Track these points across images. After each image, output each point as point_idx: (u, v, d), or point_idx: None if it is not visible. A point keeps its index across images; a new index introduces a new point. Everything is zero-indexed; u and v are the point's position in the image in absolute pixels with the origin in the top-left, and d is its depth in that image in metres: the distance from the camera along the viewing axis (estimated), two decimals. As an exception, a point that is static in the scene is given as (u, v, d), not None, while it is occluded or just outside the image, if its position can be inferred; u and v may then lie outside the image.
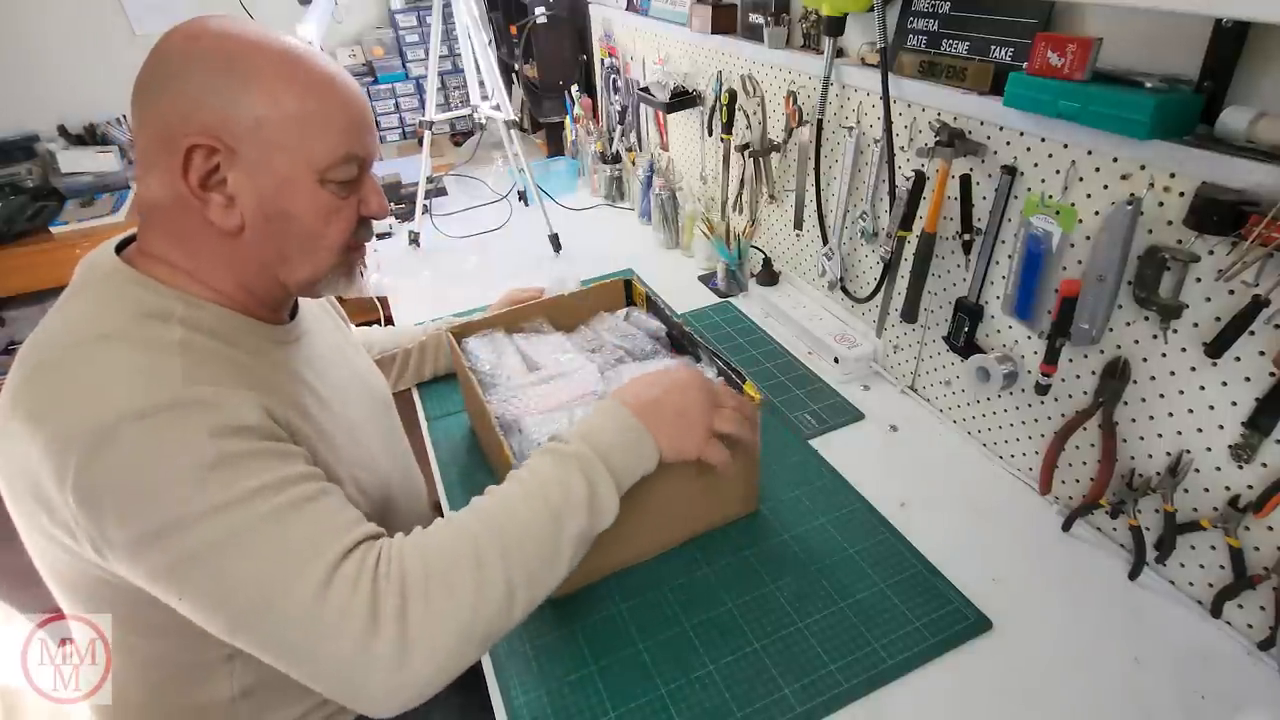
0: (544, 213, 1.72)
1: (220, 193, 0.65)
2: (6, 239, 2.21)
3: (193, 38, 0.64)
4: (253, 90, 0.63)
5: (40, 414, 0.58)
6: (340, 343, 0.92)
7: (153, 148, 0.64)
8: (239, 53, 0.64)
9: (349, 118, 0.69)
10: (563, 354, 1.09)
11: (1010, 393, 0.98)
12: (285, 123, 0.65)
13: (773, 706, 0.75)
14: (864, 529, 0.94)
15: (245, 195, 0.66)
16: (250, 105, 0.63)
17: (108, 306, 0.65)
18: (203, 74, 0.63)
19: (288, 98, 0.65)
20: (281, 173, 0.66)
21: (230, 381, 0.64)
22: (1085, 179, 0.81)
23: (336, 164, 0.68)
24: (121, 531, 0.57)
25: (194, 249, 0.68)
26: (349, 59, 2.56)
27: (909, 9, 1.00)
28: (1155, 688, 0.75)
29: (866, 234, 1.18)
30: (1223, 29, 0.67)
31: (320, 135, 0.67)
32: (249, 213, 0.66)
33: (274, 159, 0.65)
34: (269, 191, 0.66)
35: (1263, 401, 0.70)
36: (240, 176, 0.65)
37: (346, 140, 0.68)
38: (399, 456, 0.94)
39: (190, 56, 0.63)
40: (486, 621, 0.62)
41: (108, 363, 0.60)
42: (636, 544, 0.90)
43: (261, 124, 0.64)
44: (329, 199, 0.69)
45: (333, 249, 0.72)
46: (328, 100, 0.67)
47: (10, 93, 2.35)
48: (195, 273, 0.69)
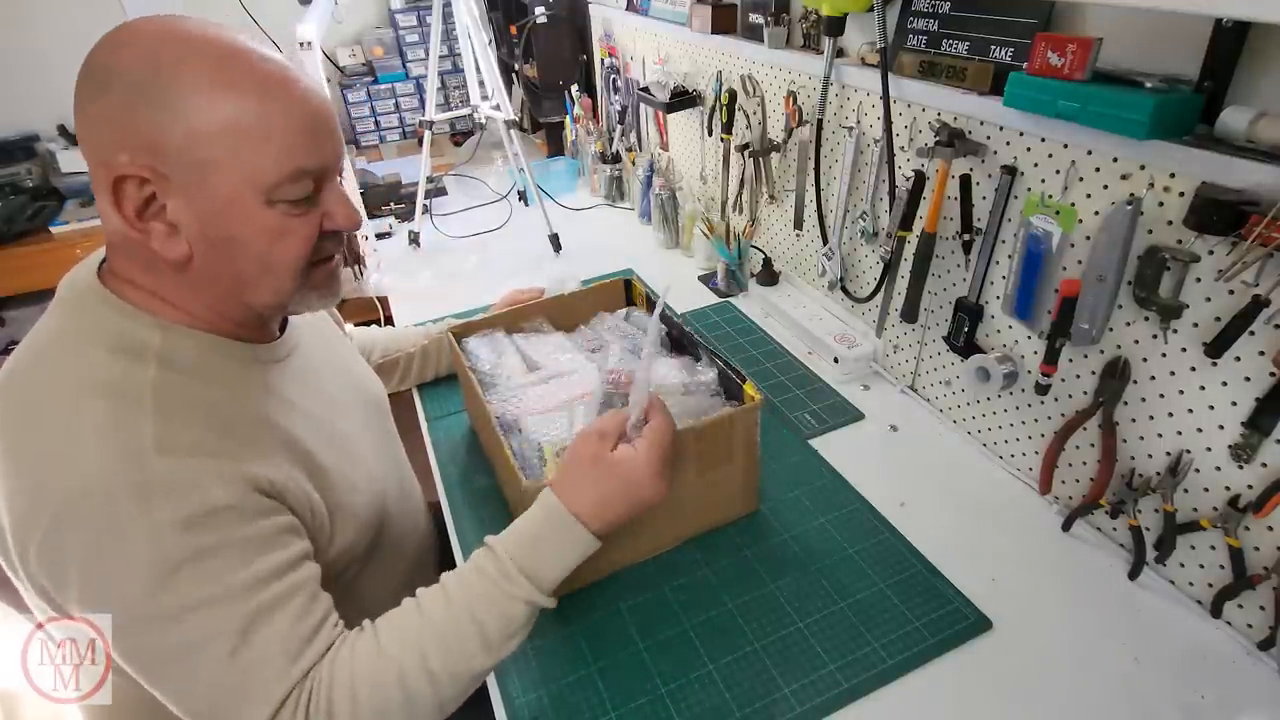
0: (544, 213, 1.72)
1: (161, 221, 0.60)
2: (6, 239, 2.21)
3: (119, 46, 0.58)
4: (180, 103, 0.56)
5: (12, 461, 0.58)
6: (336, 350, 0.90)
7: (94, 170, 0.59)
8: (166, 61, 0.57)
9: (294, 126, 0.60)
10: (563, 354, 1.09)
11: (1010, 393, 0.98)
12: (216, 137, 0.57)
13: (773, 706, 0.75)
14: (864, 529, 0.94)
15: (187, 222, 0.60)
16: (178, 121, 0.57)
17: (84, 338, 0.62)
18: (128, 90, 0.56)
19: (218, 108, 0.57)
20: (221, 194, 0.59)
21: (208, 439, 0.61)
22: (1085, 179, 0.81)
23: (283, 182, 0.61)
24: (81, 610, 0.57)
25: (155, 276, 0.64)
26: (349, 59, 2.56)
27: (909, 9, 1.00)
28: (1155, 688, 0.75)
29: (866, 234, 1.18)
30: (1223, 29, 0.67)
31: (259, 150, 0.59)
32: (194, 240, 0.61)
33: (210, 180, 0.59)
34: (210, 216, 0.60)
35: (1263, 401, 0.69)
36: (179, 203, 0.59)
37: (293, 153, 0.60)
38: (394, 463, 0.93)
39: (114, 70, 0.57)
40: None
41: (79, 420, 0.58)
42: (636, 544, 0.90)
43: (192, 141, 0.57)
44: (278, 219, 0.62)
45: (291, 271, 0.65)
46: (270, 109, 0.59)
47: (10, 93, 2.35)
48: (165, 297, 0.65)
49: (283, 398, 0.72)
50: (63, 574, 0.57)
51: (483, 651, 0.64)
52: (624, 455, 0.71)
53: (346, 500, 0.74)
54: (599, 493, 0.70)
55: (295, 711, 0.58)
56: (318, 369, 0.81)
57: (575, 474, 0.71)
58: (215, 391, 0.66)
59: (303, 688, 0.59)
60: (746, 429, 0.90)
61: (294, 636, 0.60)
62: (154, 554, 0.56)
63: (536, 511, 0.71)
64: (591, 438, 0.73)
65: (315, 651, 0.61)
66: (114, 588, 0.56)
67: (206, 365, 0.66)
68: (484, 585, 0.66)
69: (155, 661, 0.58)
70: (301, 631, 0.61)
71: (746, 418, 0.89)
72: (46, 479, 0.56)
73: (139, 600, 0.56)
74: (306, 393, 0.76)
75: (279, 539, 0.62)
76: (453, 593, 0.66)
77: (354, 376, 0.92)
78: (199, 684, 0.58)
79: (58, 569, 0.57)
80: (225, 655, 0.57)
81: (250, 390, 0.69)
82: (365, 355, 1.10)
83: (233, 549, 0.59)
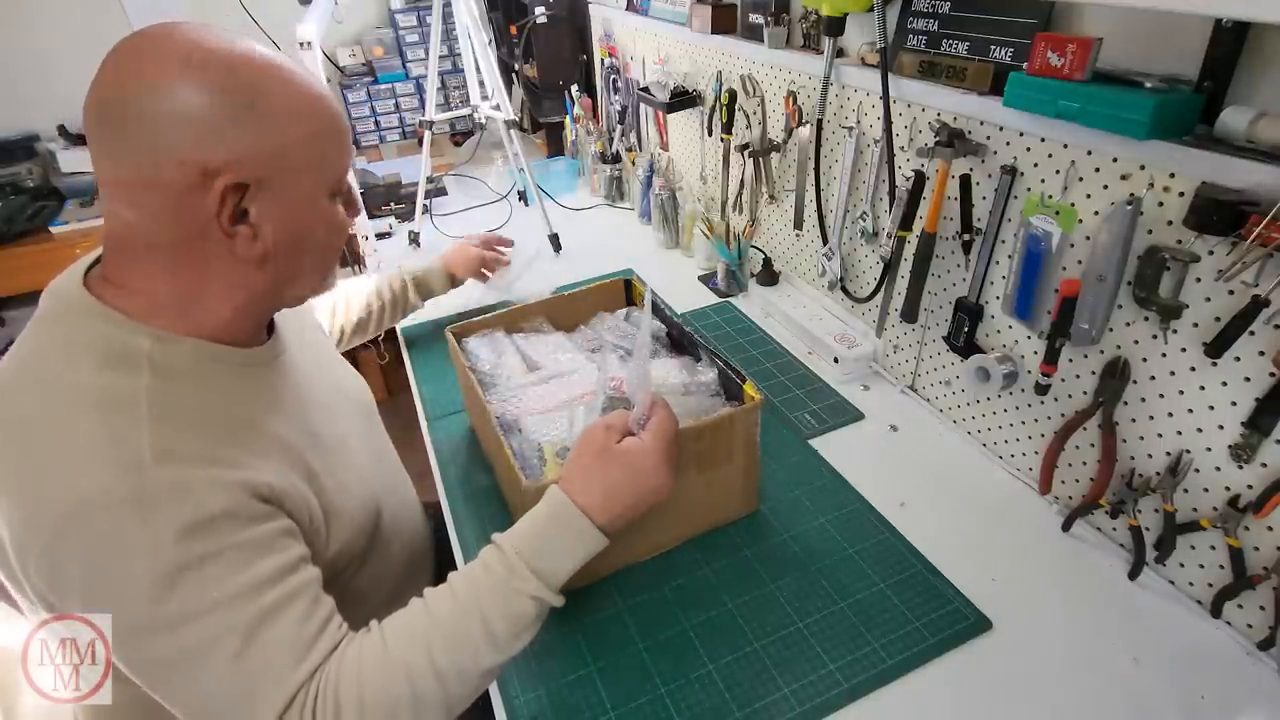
0: (544, 213, 1.72)
1: (245, 225, 0.63)
2: (6, 239, 2.21)
3: (184, 62, 0.58)
4: (265, 114, 0.61)
5: (9, 475, 0.57)
6: (320, 350, 0.91)
7: (138, 183, 0.60)
8: (244, 77, 0.60)
9: (342, 127, 0.69)
10: (563, 354, 1.10)
11: (1010, 393, 0.98)
12: (301, 144, 0.64)
13: (773, 706, 0.75)
14: (864, 529, 0.94)
15: (269, 225, 0.64)
16: (267, 131, 0.61)
17: (73, 350, 0.62)
18: (206, 102, 0.58)
19: (302, 119, 0.64)
20: (304, 195, 0.66)
21: (204, 447, 0.61)
22: (1085, 179, 0.81)
23: (343, 176, 0.69)
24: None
25: (196, 282, 0.65)
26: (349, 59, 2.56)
27: (909, 9, 1.00)
28: (1155, 688, 0.75)
29: (866, 234, 1.18)
30: (1223, 29, 0.67)
31: (329, 151, 0.67)
32: (272, 241, 0.65)
33: (297, 184, 0.65)
34: (293, 217, 0.66)
35: (1263, 401, 0.70)
36: (264, 207, 0.63)
37: (344, 151, 0.69)
38: (384, 462, 0.93)
39: (184, 82, 0.58)
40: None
41: (74, 432, 0.58)
42: (636, 544, 0.90)
43: (283, 149, 0.63)
44: (338, 212, 0.70)
45: (337, 258, 0.74)
46: (327, 113, 0.66)
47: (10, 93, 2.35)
48: (185, 306, 0.65)
49: (275, 401, 0.72)
50: (64, 586, 0.57)
51: (490, 649, 0.64)
52: (630, 445, 0.72)
53: (340, 501, 0.74)
54: (605, 484, 0.70)
55: (302, 713, 0.58)
56: (305, 370, 0.81)
57: (582, 467, 0.72)
58: (209, 397, 0.66)
59: (309, 689, 0.59)
60: (746, 429, 0.90)
61: (298, 639, 0.60)
62: (154, 564, 0.56)
63: (543, 507, 0.70)
64: (598, 430, 0.73)
65: (320, 653, 0.61)
66: (116, 598, 0.56)
67: (200, 371, 0.66)
68: (491, 582, 0.66)
69: (160, 669, 0.58)
70: (305, 633, 0.61)
71: (746, 418, 0.89)
72: (44, 492, 0.56)
73: (141, 610, 0.56)
74: (297, 395, 0.76)
75: (278, 543, 0.62)
76: (459, 591, 0.66)
77: (338, 377, 0.92)
78: (204, 690, 0.58)
79: (59, 582, 0.57)
80: (230, 660, 0.57)
81: (244, 394, 0.69)
82: (338, 318, 1.18)
83: (232, 555, 0.59)
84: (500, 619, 0.64)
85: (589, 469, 0.71)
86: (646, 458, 0.71)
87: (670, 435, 0.73)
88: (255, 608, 0.59)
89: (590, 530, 0.69)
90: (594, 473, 0.71)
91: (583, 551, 0.69)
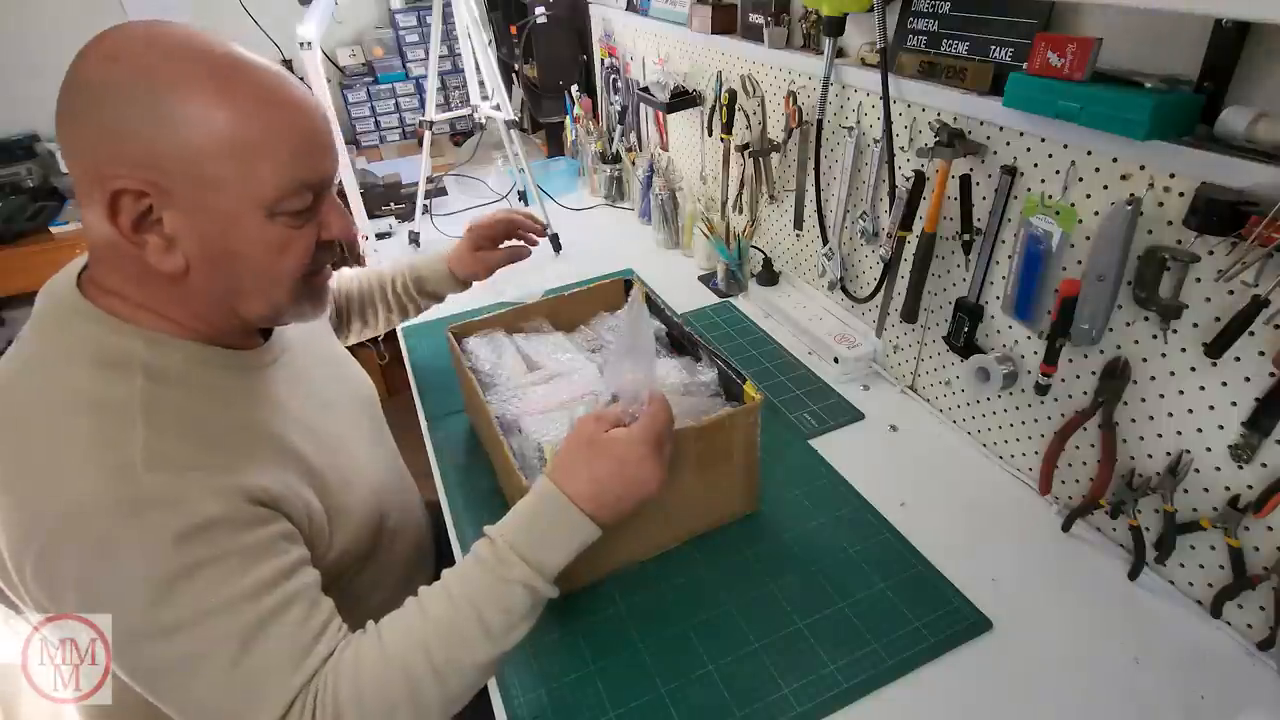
0: (544, 213, 1.72)
1: (157, 234, 0.59)
2: (6, 239, 2.21)
3: (110, 58, 0.56)
4: (182, 118, 0.56)
5: (3, 482, 0.57)
6: (325, 349, 0.90)
7: (83, 183, 0.58)
8: (164, 74, 0.56)
9: (297, 140, 0.61)
10: (563, 354, 1.10)
11: (1010, 393, 0.98)
12: (222, 154, 0.57)
13: (773, 706, 0.75)
14: (864, 529, 0.94)
15: (185, 236, 0.60)
16: (180, 137, 0.56)
17: (67, 353, 0.61)
18: (123, 102, 0.55)
19: (223, 124, 0.57)
20: (224, 211, 0.59)
21: (199, 452, 0.61)
22: (1085, 179, 0.81)
23: (286, 195, 0.61)
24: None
25: (143, 287, 0.64)
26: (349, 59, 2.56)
27: (909, 9, 1.00)
28: (1155, 688, 0.75)
29: (866, 234, 1.18)
30: (1223, 29, 0.67)
31: (262, 165, 0.59)
32: (191, 254, 0.60)
33: (213, 197, 0.58)
34: (212, 232, 0.60)
35: (1263, 401, 0.69)
36: (177, 216, 0.59)
37: (295, 167, 0.61)
38: (387, 460, 0.93)
39: (108, 82, 0.56)
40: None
41: (67, 436, 0.57)
42: (636, 544, 0.90)
43: (193, 156, 0.57)
44: (280, 232, 0.63)
45: (289, 283, 0.66)
46: (272, 122, 0.59)
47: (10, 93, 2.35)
48: (152, 308, 0.64)
49: (273, 403, 0.72)
50: (60, 593, 0.56)
51: (486, 642, 0.64)
52: (618, 434, 0.71)
53: (343, 501, 0.74)
54: (592, 473, 0.69)
55: (302, 716, 0.58)
56: (308, 370, 0.81)
57: (570, 456, 0.71)
58: (204, 401, 0.65)
59: (308, 693, 0.59)
60: (746, 429, 0.90)
61: (297, 642, 0.60)
62: (149, 570, 0.55)
63: (532, 497, 0.70)
64: (588, 421, 0.73)
65: (319, 656, 0.61)
66: (112, 605, 0.56)
67: (194, 375, 0.65)
68: (481, 572, 0.66)
69: (158, 675, 0.58)
70: (304, 637, 0.61)
71: (746, 418, 0.89)
72: (39, 499, 0.56)
73: (137, 616, 0.56)
74: (297, 395, 0.76)
75: (275, 546, 0.62)
76: (452, 585, 0.66)
77: (343, 375, 0.91)
78: (203, 696, 0.58)
79: (55, 588, 0.56)
80: (228, 665, 0.57)
81: (240, 397, 0.69)
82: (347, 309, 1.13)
83: (228, 560, 0.58)
84: (494, 610, 0.64)
85: (576, 458, 0.70)
86: (633, 448, 0.70)
87: (661, 428, 0.72)
88: (253, 613, 0.58)
89: (579, 519, 0.68)
90: (581, 462, 0.70)
91: (574, 541, 0.68)
